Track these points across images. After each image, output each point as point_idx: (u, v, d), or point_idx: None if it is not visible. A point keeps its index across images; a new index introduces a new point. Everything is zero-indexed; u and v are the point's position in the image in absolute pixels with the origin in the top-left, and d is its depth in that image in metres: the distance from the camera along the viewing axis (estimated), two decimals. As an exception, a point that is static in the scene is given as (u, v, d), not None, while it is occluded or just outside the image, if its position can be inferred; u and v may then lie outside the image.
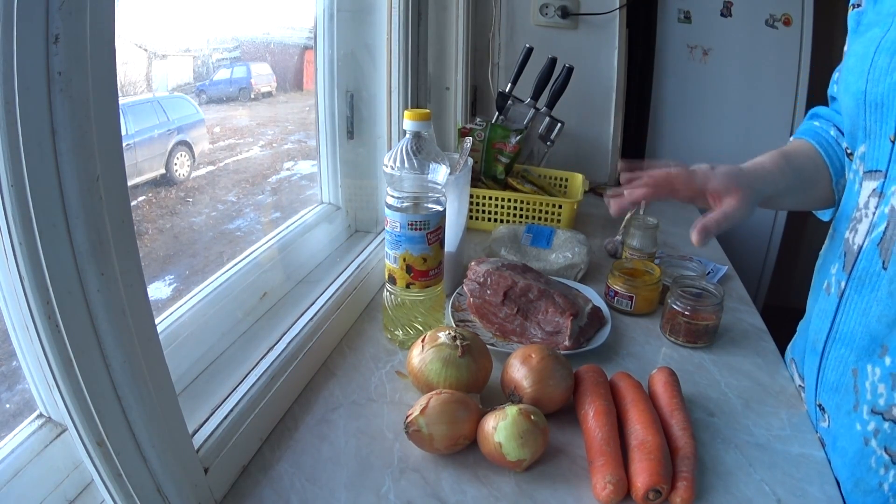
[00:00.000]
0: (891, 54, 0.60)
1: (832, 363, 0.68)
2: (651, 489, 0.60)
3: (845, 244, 0.67)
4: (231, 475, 0.63)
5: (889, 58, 0.60)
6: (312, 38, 1.07)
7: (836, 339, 0.67)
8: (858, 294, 0.64)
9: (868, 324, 0.62)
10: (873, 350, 0.61)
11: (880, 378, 0.61)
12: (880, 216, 0.61)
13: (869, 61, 0.62)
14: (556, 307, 0.89)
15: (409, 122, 0.79)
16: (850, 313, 0.65)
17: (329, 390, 0.78)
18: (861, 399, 0.64)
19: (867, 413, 0.63)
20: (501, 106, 1.56)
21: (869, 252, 0.62)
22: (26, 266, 0.40)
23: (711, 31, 2.04)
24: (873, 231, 0.62)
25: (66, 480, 0.52)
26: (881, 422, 0.61)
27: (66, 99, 0.39)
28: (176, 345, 0.69)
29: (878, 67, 0.61)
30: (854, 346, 0.64)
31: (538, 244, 1.19)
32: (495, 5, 1.79)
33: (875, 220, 0.62)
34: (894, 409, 0.60)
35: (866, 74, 0.63)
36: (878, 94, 0.61)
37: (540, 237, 1.21)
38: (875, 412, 0.62)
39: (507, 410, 0.65)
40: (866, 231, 0.63)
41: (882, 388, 0.61)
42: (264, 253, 0.91)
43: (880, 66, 0.61)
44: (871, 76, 0.62)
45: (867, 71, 0.62)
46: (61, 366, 0.43)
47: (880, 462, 0.62)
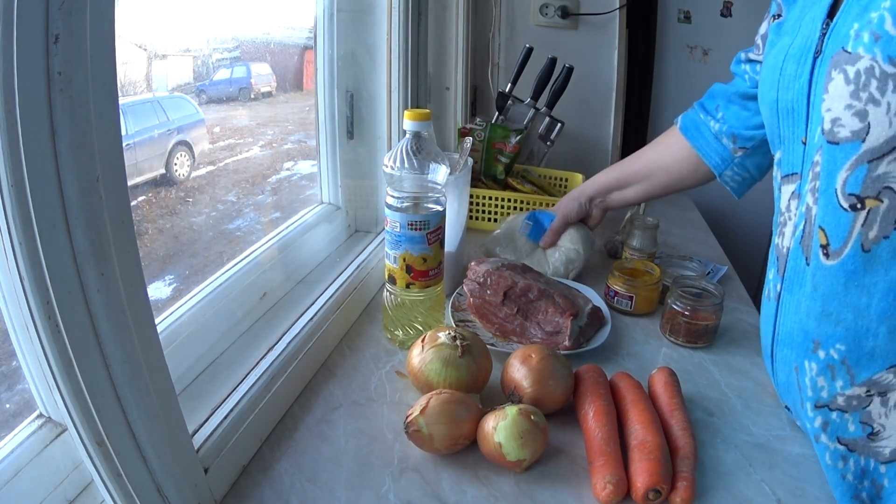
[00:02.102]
0: (796, 61, 0.62)
1: (780, 365, 0.70)
2: (651, 489, 0.60)
3: (777, 249, 0.69)
4: (231, 475, 0.63)
5: (795, 64, 0.62)
6: (312, 38, 1.07)
7: (779, 342, 0.69)
8: (791, 294, 0.66)
9: (801, 321, 0.64)
10: (807, 346, 0.64)
11: (817, 372, 0.63)
12: (799, 216, 0.64)
13: (779, 70, 0.65)
14: (556, 307, 0.89)
15: (409, 122, 0.79)
16: (787, 314, 0.67)
17: (329, 390, 0.78)
18: (804, 396, 0.66)
19: (811, 409, 0.65)
20: (501, 106, 1.56)
21: (794, 252, 0.65)
22: (26, 266, 0.40)
23: (711, 31, 2.04)
24: (796, 231, 0.64)
25: (66, 480, 0.52)
26: (828, 413, 0.63)
27: (66, 99, 0.39)
28: (176, 345, 0.69)
29: (787, 75, 0.64)
30: (793, 345, 0.66)
31: (536, 237, 1.14)
32: (495, 5, 1.79)
33: (796, 221, 0.64)
34: (838, 398, 0.62)
35: (777, 83, 0.66)
36: (789, 100, 0.64)
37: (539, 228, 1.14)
38: (819, 406, 0.64)
39: (507, 410, 0.65)
40: (791, 233, 0.66)
41: (821, 380, 0.63)
42: (264, 253, 0.91)
43: (788, 73, 0.63)
44: (780, 84, 0.65)
45: (777, 80, 0.65)
46: (61, 366, 0.43)
47: (836, 455, 0.63)
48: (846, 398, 0.61)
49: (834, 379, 0.61)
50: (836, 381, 0.61)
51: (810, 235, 0.61)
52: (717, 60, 2.07)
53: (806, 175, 0.63)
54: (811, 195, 0.61)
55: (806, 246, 0.62)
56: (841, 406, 0.62)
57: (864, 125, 0.53)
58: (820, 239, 0.60)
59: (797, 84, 0.62)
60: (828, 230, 0.59)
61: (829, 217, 0.58)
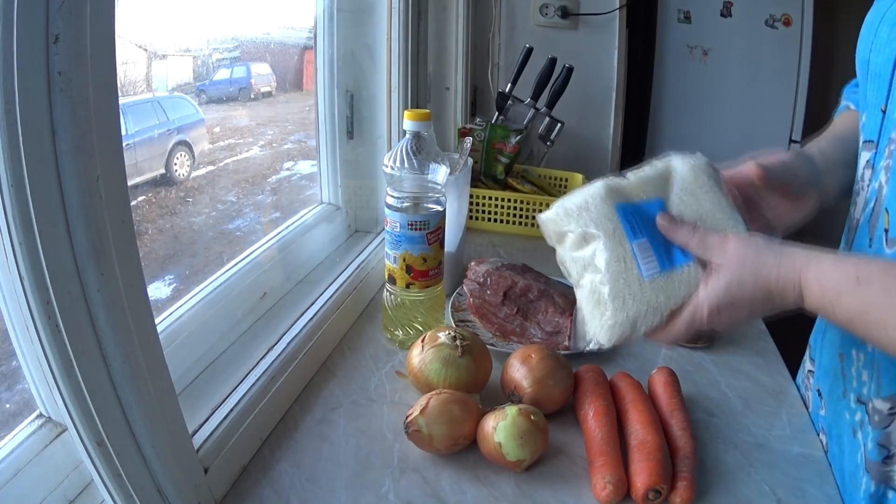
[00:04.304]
0: (891, 25, 0.58)
1: (827, 346, 0.67)
2: (651, 489, 0.60)
3: (849, 219, 0.65)
4: (231, 475, 0.63)
5: (889, 28, 0.58)
6: (312, 38, 1.07)
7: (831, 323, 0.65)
8: None
9: None
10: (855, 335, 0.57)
11: (864, 364, 0.59)
12: (871, 191, 0.59)
13: (874, 31, 0.61)
14: (556, 307, 0.89)
15: (408, 122, 0.79)
16: None
17: (329, 390, 0.78)
18: (848, 386, 0.62)
19: (854, 401, 0.61)
20: (501, 106, 1.56)
21: (862, 229, 0.60)
22: (26, 266, 0.40)
23: (711, 31, 2.04)
24: (867, 206, 0.60)
25: (65, 480, 0.52)
26: (864, 413, 0.60)
27: (66, 99, 0.39)
28: (176, 345, 0.69)
29: (880, 37, 0.60)
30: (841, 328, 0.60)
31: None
32: (495, 5, 1.79)
33: (868, 195, 0.60)
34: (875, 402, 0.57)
35: (870, 44, 0.61)
36: (879, 63, 0.59)
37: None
38: (861, 402, 0.60)
39: (506, 410, 0.65)
40: (862, 207, 0.61)
41: (865, 375, 0.59)
42: (264, 253, 0.91)
43: (882, 36, 0.59)
44: (874, 45, 0.60)
45: (871, 40, 0.61)
46: (61, 366, 0.43)
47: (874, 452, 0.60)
48: (872, 409, 0.57)
49: (871, 378, 0.57)
50: (872, 382, 0.57)
51: (877, 216, 0.56)
52: (717, 60, 2.07)
53: (882, 148, 0.58)
54: (885, 173, 0.56)
55: (872, 226, 0.57)
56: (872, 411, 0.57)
57: None
58: (884, 222, 0.54)
59: (888, 48, 0.57)
60: (892, 215, 0.53)
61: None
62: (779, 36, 2.04)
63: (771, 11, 2.03)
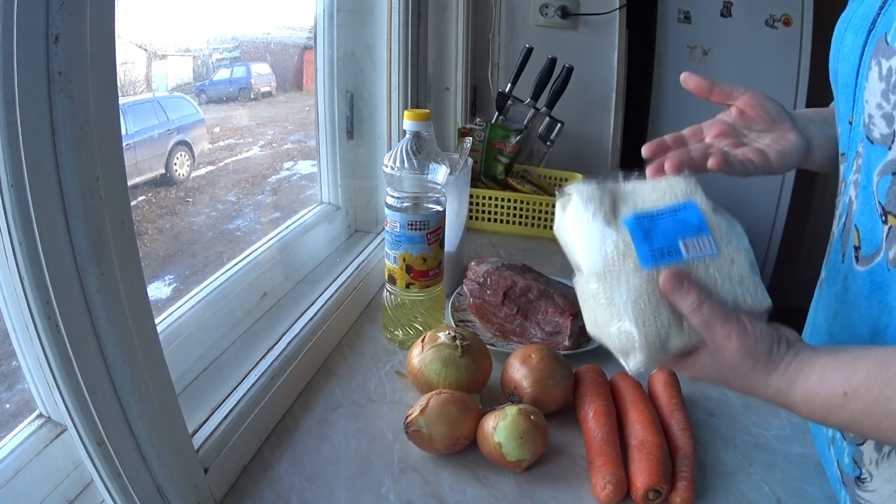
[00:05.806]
0: (855, 31, 0.54)
1: None
2: (651, 489, 0.60)
3: (832, 233, 0.62)
4: (231, 475, 0.63)
5: (854, 35, 0.54)
6: (312, 38, 1.07)
7: (812, 333, 0.64)
8: (828, 287, 0.60)
9: (828, 320, 0.58)
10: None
11: None
12: (843, 206, 0.57)
13: (840, 39, 0.57)
14: (556, 307, 0.89)
15: (408, 122, 0.79)
16: (820, 308, 0.62)
17: (329, 390, 0.78)
18: None
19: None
20: (501, 106, 1.56)
21: (836, 244, 0.58)
22: (26, 266, 0.40)
23: (711, 31, 2.04)
24: (839, 221, 0.58)
25: (65, 480, 0.52)
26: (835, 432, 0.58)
27: (66, 99, 0.39)
28: (176, 345, 0.69)
29: (846, 45, 0.56)
30: (820, 342, 0.60)
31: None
32: (495, 5, 1.79)
33: (841, 210, 0.58)
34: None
35: (837, 53, 0.58)
36: (845, 73, 0.56)
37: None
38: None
39: (506, 410, 0.65)
40: (836, 221, 0.59)
41: None
42: (264, 253, 0.91)
43: (847, 44, 0.56)
44: (840, 55, 0.57)
45: (839, 49, 0.58)
46: (61, 366, 0.43)
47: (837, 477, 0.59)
48: None
49: None
50: None
51: (848, 231, 0.54)
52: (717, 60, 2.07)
53: (851, 161, 0.55)
54: (854, 187, 0.54)
55: (844, 241, 0.55)
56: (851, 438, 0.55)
57: (891, 132, 0.46)
58: (854, 239, 0.53)
59: (851, 58, 0.54)
60: (861, 232, 0.51)
61: (865, 219, 0.51)
62: (779, 36, 2.04)
63: (771, 11, 2.03)
